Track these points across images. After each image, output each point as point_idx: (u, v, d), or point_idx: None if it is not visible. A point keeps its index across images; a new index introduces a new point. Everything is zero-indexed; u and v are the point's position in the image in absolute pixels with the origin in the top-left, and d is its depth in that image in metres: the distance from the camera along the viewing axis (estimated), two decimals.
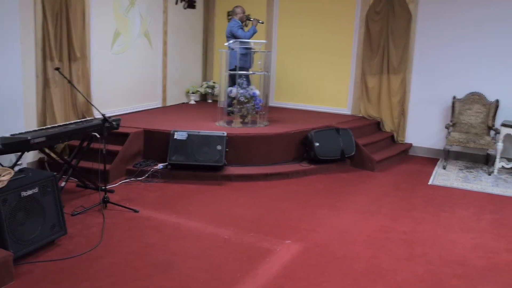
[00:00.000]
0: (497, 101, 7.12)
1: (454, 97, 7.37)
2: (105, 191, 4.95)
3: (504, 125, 6.78)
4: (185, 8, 8.88)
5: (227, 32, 7.39)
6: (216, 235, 4.34)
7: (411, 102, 7.86)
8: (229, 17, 8.36)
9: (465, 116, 7.32)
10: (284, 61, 8.98)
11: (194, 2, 9.13)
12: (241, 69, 7.24)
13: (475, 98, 7.30)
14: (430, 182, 6.34)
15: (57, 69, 4.87)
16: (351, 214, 5.04)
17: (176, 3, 8.58)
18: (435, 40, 7.58)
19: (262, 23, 7.46)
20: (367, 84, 8.00)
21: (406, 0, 7.59)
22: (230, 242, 4.20)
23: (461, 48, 7.42)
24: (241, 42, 7.13)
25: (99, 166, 5.06)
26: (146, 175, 5.88)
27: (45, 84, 5.84)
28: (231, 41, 6.84)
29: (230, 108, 6.99)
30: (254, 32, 7.33)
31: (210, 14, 9.56)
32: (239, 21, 7.40)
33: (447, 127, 7.17)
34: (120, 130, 5.76)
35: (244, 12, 7.48)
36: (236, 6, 7.54)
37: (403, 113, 7.87)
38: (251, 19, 7.47)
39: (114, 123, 5.18)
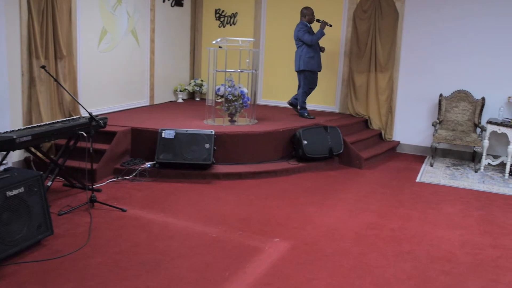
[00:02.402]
0: (483, 98, 7.17)
1: (441, 95, 7.42)
2: (92, 190, 4.91)
3: (489, 122, 6.84)
4: (172, 6, 8.83)
5: (294, 36, 7.35)
6: (204, 233, 4.32)
7: (399, 100, 7.90)
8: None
9: (452, 114, 7.38)
10: (272, 59, 8.97)
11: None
12: (310, 72, 7.34)
13: (462, 95, 7.35)
14: (417, 179, 6.38)
15: (43, 67, 4.81)
16: (339, 211, 5.05)
17: (164, 0, 8.53)
18: (422, 38, 7.63)
19: (330, 26, 7.37)
20: (354, 82, 8.02)
21: None
22: (218, 240, 4.18)
23: (448, 45, 7.46)
24: (308, 44, 7.22)
25: (86, 165, 5.02)
26: (134, 174, 5.84)
27: (31, 82, 5.77)
28: (219, 39, 6.81)
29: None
30: (322, 35, 7.24)
31: (197, 11, 9.52)
32: (307, 23, 7.33)
33: (434, 125, 7.21)
34: (107, 128, 5.73)
35: (313, 14, 7.34)
36: (305, 8, 7.39)
37: (390, 111, 7.90)
38: (320, 21, 7.34)
39: (101, 121, 5.13)
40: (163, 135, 6.01)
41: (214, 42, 6.91)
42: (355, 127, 7.70)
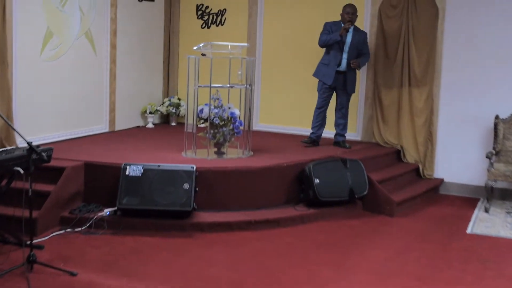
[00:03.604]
0: None
1: (497, 117, 7.46)
2: (31, 247, 4.85)
3: None
4: (140, 0, 8.91)
5: None
6: None
7: (441, 124, 7.94)
8: None
9: None
10: (272, 70, 9.02)
11: None
12: (321, 83, 7.66)
13: None
14: (468, 231, 6.36)
15: None
16: (364, 275, 5.01)
17: None
18: (470, 42, 7.70)
19: (347, 31, 7.56)
20: (382, 101, 8.06)
21: None
22: None
23: (505, 52, 7.54)
24: (326, 49, 7.64)
25: (23, 212, 4.96)
26: (88, 224, 5.80)
27: None
28: (201, 44, 6.86)
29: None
30: (333, 39, 7.47)
31: (173, 8, 9.61)
32: (342, 23, 7.58)
33: (488, 157, 7.22)
34: (53, 163, 5.67)
35: (347, 13, 7.53)
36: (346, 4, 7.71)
37: (430, 139, 7.92)
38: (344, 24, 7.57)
39: (44, 154, 5.10)
40: (127, 173, 5.99)
41: (195, 48, 6.95)
42: (384, 161, 7.72)
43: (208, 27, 9.45)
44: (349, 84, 7.68)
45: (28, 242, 4.90)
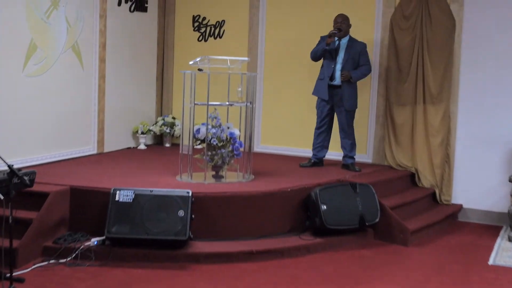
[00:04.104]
0: None
1: None
2: (11, 279, 4.84)
3: None
4: (132, 11, 8.96)
5: None
6: None
7: (459, 145, 7.94)
8: None
9: None
10: (274, 87, 9.03)
11: (146, 2, 9.23)
12: (318, 100, 7.87)
13: None
14: (490, 262, 6.32)
15: None
16: None
17: (119, 4, 8.67)
18: (490, 56, 7.72)
19: (334, 38, 7.69)
20: (394, 120, 8.07)
21: None
22: None
23: None
24: (322, 63, 7.88)
25: (2, 242, 4.95)
26: (73, 255, 5.77)
27: None
28: (198, 59, 6.88)
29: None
30: (320, 49, 7.69)
31: (168, 19, 9.65)
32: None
33: (511, 180, 7.20)
34: (35, 188, 5.68)
35: (337, 22, 7.72)
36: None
37: (447, 161, 7.92)
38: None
39: (26, 178, 5.10)
40: (117, 198, 5.98)
41: (191, 62, 6.97)
42: (397, 185, 7.72)
43: (206, 40, 9.49)
44: (346, 100, 7.69)
45: (8, 275, 4.89)
